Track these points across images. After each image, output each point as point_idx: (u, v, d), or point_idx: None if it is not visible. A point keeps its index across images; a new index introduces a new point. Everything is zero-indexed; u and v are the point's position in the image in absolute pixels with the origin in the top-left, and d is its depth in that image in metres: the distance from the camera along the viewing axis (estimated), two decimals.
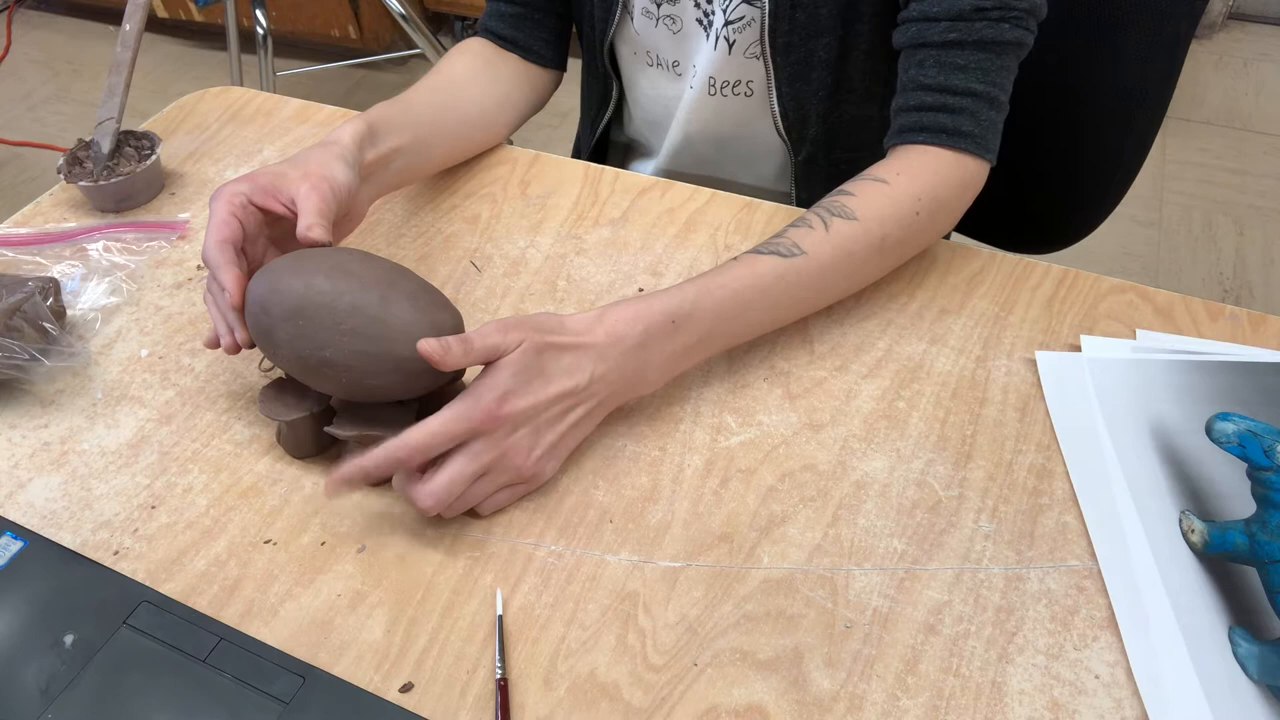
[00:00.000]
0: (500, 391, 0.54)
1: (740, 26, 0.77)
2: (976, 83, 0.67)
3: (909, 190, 0.66)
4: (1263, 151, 2.11)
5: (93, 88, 2.52)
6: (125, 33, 0.81)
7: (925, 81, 0.68)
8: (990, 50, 0.67)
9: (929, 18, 0.68)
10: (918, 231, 0.67)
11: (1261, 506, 0.55)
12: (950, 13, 0.67)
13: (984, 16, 0.66)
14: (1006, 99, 0.69)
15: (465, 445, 0.54)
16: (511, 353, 0.55)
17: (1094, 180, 0.92)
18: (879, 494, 0.57)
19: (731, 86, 0.82)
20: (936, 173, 0.68)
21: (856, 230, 0.64)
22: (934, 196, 0.67)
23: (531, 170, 0.84)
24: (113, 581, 0.53)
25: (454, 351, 0.54)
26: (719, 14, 0.77)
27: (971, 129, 0.68)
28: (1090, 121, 0.88)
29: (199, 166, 0.86)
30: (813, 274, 0.64)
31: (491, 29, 0.86)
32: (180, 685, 0.49)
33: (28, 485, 0.60)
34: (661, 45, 0.83)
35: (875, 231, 0.65)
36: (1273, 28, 2.49)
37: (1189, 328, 0.67)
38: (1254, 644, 0.49)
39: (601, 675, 0.50)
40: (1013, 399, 0.62)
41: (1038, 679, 0.49)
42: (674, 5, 0.79)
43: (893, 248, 0.67)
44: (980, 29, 0.66)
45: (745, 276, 0.62)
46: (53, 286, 0.68)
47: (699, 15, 0.79)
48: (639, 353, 0.59)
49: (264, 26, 1.80)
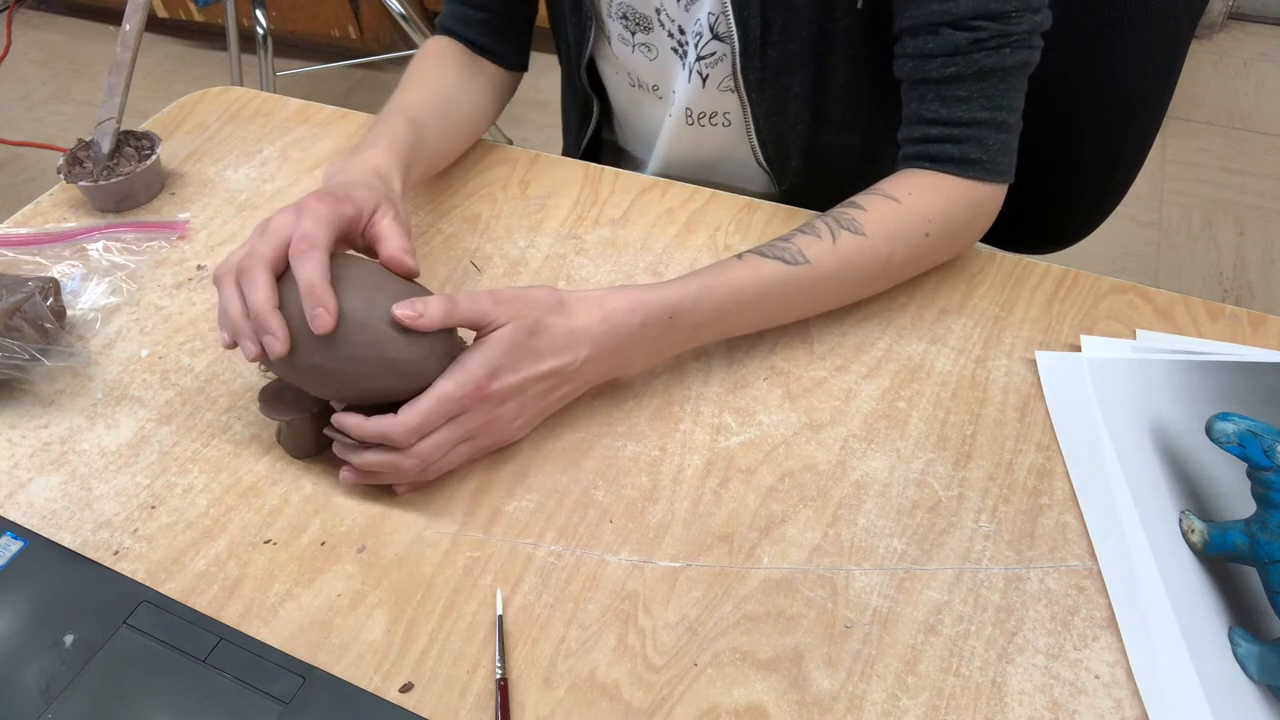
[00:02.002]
0: (491, 368, 0.55)
1: (712, 62, 0.76)
2: (981, 111, 0.66)
3: (919, 211, 0.66)
4: (1263, 151, 2.11)
5: (93, 88, 2.52)
6: (125, 33, 0.81)
7: (928, 116, 0.67)
8: (992, 78, 0.65)
9: (925, 54, 0.66)
10: (926, 253, 0.67)
11: (1261, 506, 0.55)
12: (946, 49, 0.65)
13: (982, 47, 0.64)
14: (1017, 118, 0.68)
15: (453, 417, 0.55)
16: (504, 327, 0.55)
17: (1094, 180, 0.92)
18: (879, 494, 0.57)
19: (709, 117, 0.81)
20: (947, 196, 0.67)
21: (864, 246, 0.64)
22: (944, 220, 0.66)
23: (531, 170, 0.84)
24: (113, 581, 0.53)
25: (432, 313, 0.54)
26: (692, 47, 0.77)
27: (979, 156, 0.66)
28: (1090, 121, 0.88)
29: (199, 166, 0.86)
30: (814, 283, 0.64)
31: (461, 34, 0.83)
32: (180, 685, 0.49)
33: (28, 485, 0.60)
34: (641, 70, 0.83)
35: (883, 249, 0.65)
36: (1273, 28, 2.49)
37: (1189, 328, 0.67)
38: (1254, 644, 0.49)
39: (601, 675, 0.50)
40: (1013, 399, 0.62)
41: (1038, 679, 0.49)
42: (648, 34, 0.79)
43: (899, 266, 0.66)
44: (979, 60, 0.64)
45: (748, 278, 0.62)
46: (53, 286, 0.68)
47: (673, 45, 0.78)
48: (632, 342, 0.60)
49: (264, 26, 1.80)
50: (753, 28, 0.72)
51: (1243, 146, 2.13)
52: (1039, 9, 0.65)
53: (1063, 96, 0.87)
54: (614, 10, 0.80)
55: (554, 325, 0.57)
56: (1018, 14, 0.64)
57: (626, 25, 0.80)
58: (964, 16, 0.63)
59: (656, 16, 0.77)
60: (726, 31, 0.73)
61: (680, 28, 0.77)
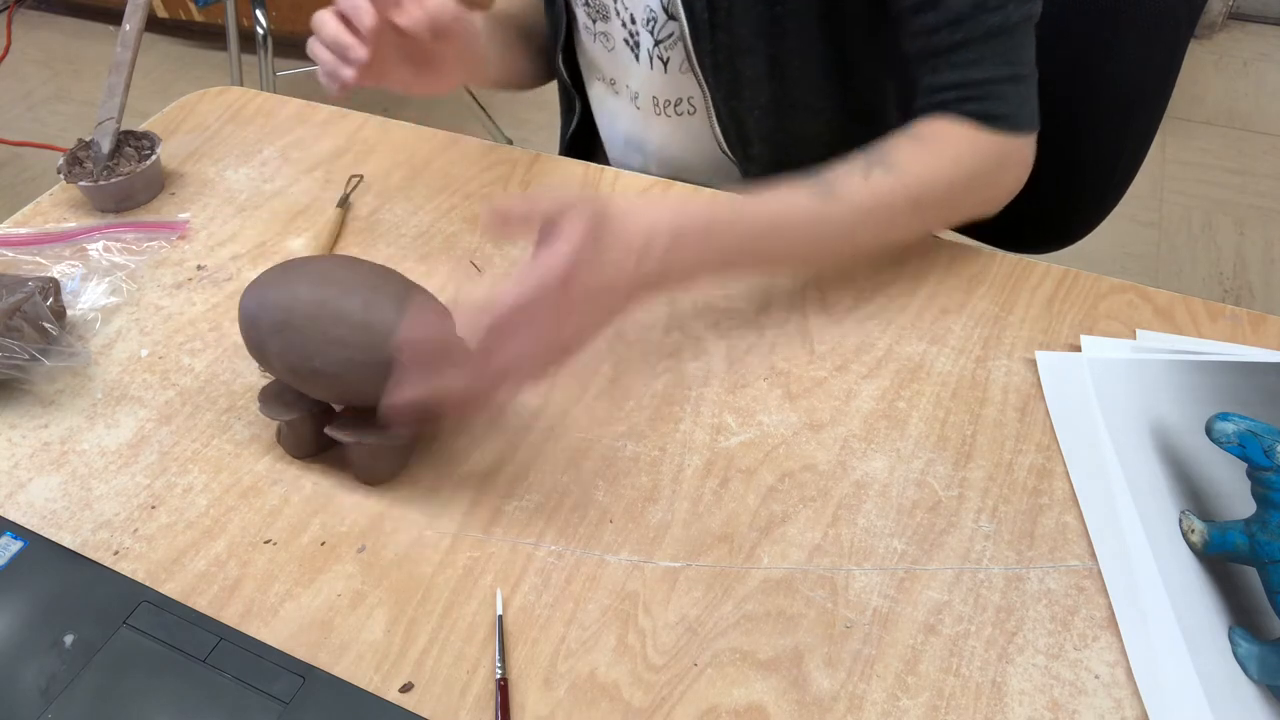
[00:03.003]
0: (573, 255, 0.51)
1: (670, 44, 0.77)
2: (994, 69, 0.66)
3: (948, 154, 0.66)
4: (1263, 151, 2.11)
5: (93, 88, 2.52)
6: (125, 33, 0.81)
7: (941, 83, 0.67)
8: (1001, 36, 0.65)
9: (930, 29, 0.66)
10: (957, 197, 0.67)
11: (1261, 506, 0.55)
12: (949, 18, 0.65)
13: (984, 8, 0.64)
14: (1031, 69, 0.68)
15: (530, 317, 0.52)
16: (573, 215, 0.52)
17: (1094, 180, 0.92)
18: (879, 494, 0.57)
19: (674, 105, 0.81)
20: (973, 142, 0.66)
21: (893, 185, 0.64)
22: (973, 165, 0.66)
23: (532, 170, 0.84)
24: (113, 581, 0.53)
25: (515, 213, 0.52)
26: (645, 34, 0.77)
27: (1001, 110, 0.66)
28: (1090, 121, 0.88)
29: (199, 166, 0.86)
30: (845, 218, 0.63)
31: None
32: (180, 685, 0.49)
33: (28, 485, 0.60)
34: (601, 61, 0.83)
35: (913, 188, 0.64)
36: (1273, 28, 2.49)
37: (1189, 328, 0.67)
38: (1254, 644, 0.49)
39: (601, 675, 0.50)
40: (1013, 399, 0.62)
41: (1038, 679, 0.49)
42: (607, 23, 0.79)
43: (930, 206, 0.66)
44: (986, 20, 0.64)
45: (782, 203, 0.62)
46: (53, 286, 0.68)
47: (625, 35, 0.79)
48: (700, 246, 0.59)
49: (264, 26, 1.80)
50: (699, 10, 0.72)
51: (1243, 146, 2.13)
52: None
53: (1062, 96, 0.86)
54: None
55: (622, 214, 0.55)
56: None
57: (589, 13, 0.81)
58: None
59: (613, 4, 0.78)
60: (676, 11, 0.74)
61: (632, 16, 0.77)
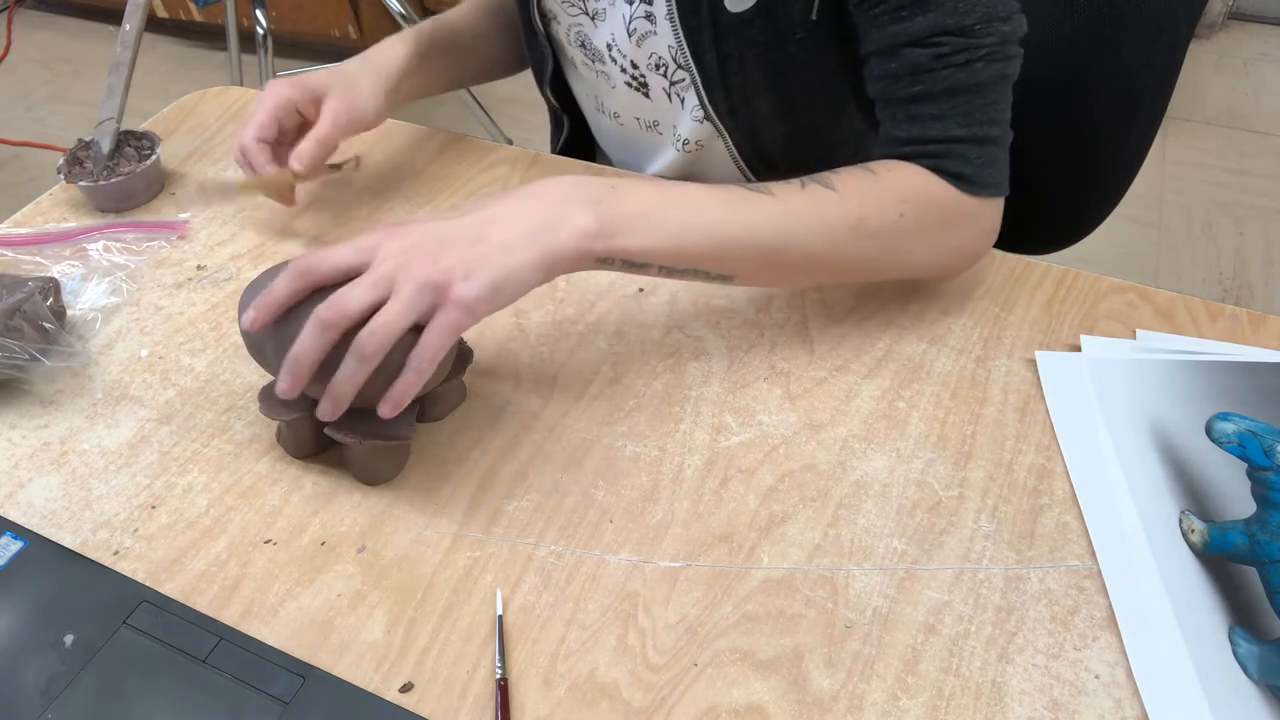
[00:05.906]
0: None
1: (683, 87, 0.76)
2: (957, 128, 0.61)
3: (894, 188, 0.61)
4: (1263, 151, 2.11)
5: (93, 88, 2.52)
6: (125, 33, 0.81)
7: (900, 135, 0.64)
8: (966, 94, 0.61)
9: (890, 76, 0.63)
10: (902, 234, 0.62)
11: (1261, 506, 0.55)
12: (909, 68, 0.61)
13: (947, 63, 0.60)
14: (1002, 130, 0.63)
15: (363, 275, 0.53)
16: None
17: (1094, 180, 0.92)
18: (879, 494, 0.57)
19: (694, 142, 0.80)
20: (927, 187, 0.62)
21: (832, 198, 0.60)
22: (922, 206, 0.61)
23: (531, 170, 0.84)
24: (113, 581, 0.53)
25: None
26: (654, 76, 0.77)
27: (961, 169, 0.62)
28: (1090, 121, 0.88)
29: (199, 166, 0.86)
30: (780, 215, 0.59)
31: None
32: (180, 685, 0.49)
33: (28, 485, 0.60)
34: (603, 94, 0.84)
35: (853, 209, 0.60)
36: (1273, 28, 2.49)
37: (1189, 328, 0.67)
38: (1254, 644, 0.49)
39: (601, 675, 0.50)
40: (1013, 399, 0.62)
41: (1038, 679, 0.49)
42: (604, 65, 0.79)
43: (872, 235, 0.61)
44: (947, 77, 0.60)
45: (707, 188, 0.59)
46: (53, 286, 0.68)
47: (627, 79, 0.79)
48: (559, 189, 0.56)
49: (264, 26, 1.80)
50: (709, 62, 0.72)
51: (1243, 146, 2.13)
52: (1008, 17, 0.61)
53: (1063, 96, 0.87)
54: (572, 39, 0.80)
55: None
56: (982, 26, 0.59)
57: (585, 54, 0.81)
58: (923, 35, 0.60)
59: (608, 51, 0.78)
60: (686, 63, 0.73)
61: (633, 62, 0.77)
